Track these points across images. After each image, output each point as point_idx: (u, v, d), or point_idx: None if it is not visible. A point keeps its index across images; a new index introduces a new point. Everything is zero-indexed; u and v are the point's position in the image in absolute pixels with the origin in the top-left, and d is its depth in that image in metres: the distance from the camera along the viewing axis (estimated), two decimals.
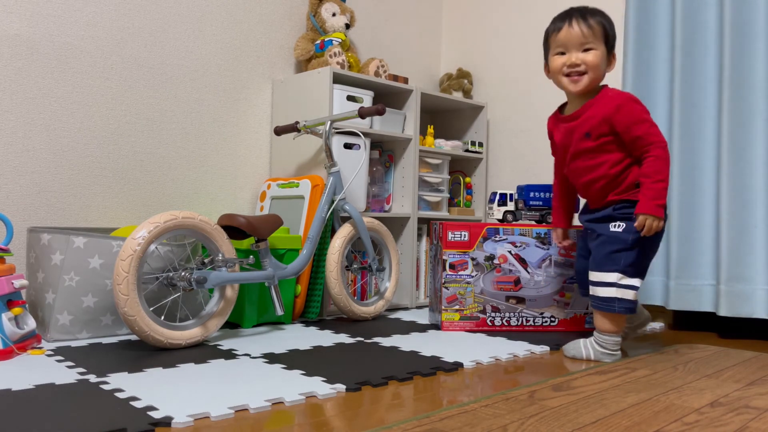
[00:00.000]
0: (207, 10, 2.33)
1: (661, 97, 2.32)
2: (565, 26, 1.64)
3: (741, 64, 2.11)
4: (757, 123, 2.07)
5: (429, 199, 2.68)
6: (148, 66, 2.18)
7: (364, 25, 2.84)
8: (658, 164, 1.57)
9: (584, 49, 1.63)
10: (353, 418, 1.13)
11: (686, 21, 2.24)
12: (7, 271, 1.58)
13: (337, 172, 2.16)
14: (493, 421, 1.13)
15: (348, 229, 2.18)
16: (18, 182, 1.91)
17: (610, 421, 1.15)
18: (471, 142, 2.81)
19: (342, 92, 2.32)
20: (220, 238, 1.77)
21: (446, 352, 1.69)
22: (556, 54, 1.68)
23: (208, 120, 2.34)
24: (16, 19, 1.90)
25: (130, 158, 2.15)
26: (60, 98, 1.99)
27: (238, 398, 1.20)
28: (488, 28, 3.02)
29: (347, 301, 2.15)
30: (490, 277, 2.06)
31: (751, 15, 2.09)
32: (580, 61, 1.62)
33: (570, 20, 1.63)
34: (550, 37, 1.70)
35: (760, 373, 1.60)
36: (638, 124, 1.59)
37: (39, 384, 1.28)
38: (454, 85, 2.95)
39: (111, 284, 1.75)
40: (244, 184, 2.45)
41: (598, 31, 1.62)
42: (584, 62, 1.62)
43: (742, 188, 2.10)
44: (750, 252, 2.07)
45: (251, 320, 2.00)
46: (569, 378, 1.47)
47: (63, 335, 1.71)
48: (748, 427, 1.14)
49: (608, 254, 1.63)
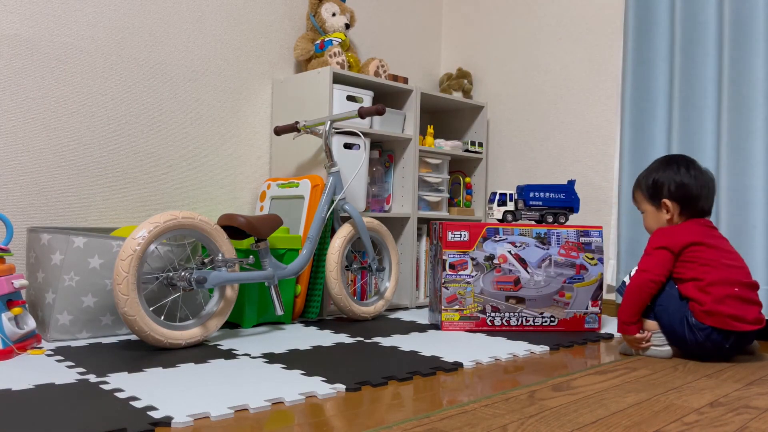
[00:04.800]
0: (207, 10, 2.33)
1: (661, 97, 2.32)
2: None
3: (741, 63, 2.11)
4: (757, 123, 2.07)
5: (429, 199, 2.68)
6: (148, 66, 2.18)
7: (364, 25, 2.84)
8: (628, 287, 1.81)
9: (641, 211, 1.94)
10: (353, 418, 1.13)
11: (686, 21, 2.24)
12: (7, 271, 1.58)
13: (337, 172, 2.16)
14: (493, 421, 1.13)
15: (348, 229, 2.18)
16: (18, 182, 1.91)
17: (610, 421, 1.15)
18: (471, 142, 2.81)
19: (342, 92, 2.32)
20: (220, 238, 1.77)
21: (446, 352, 1.69)
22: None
23: (208, 120, 2.34)
24: (16, 19, 1.90)
25: (130, 158, 2.15)
26: (60, 98, 1.99)
27: (238, 398, 1.20)
28: (488, 28, 3.02)
29: (347, 301, 2.15)
30: (490, 277, 2.06)
31: (751, 14, 2.09)
32: (645, 226, 1.94)
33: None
34: None
35: (760, 373, 1.60)
36: (644, 253, 1.85)
37: (39, 384, 1.28)
38: (454, 85, 2.95)
39: (111, 284, 1.75)
40: (244, 184, 2.45)
41: (640, 195, 1.91)
42: (645, 226, 1.94)
43: (741, 188, 2.10)
44: (750, 252, 2.07)
45: (251, 320, 2.00)
46: (569, 378, 1.47)
47: (63, 335, 1.71)
48: (748, 427, 1.14)
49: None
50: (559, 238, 2.09)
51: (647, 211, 1.90)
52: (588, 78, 2.64)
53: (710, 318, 1.68)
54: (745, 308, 1.69)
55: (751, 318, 1.69)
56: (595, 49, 2.62)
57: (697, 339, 1.70)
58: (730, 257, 1.76)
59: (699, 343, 1.70)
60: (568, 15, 2.72)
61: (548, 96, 2.78)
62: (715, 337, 1.69)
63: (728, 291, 1.68)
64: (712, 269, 1.71)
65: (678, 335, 1.73)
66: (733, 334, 1.68)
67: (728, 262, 1.74)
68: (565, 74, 2.72)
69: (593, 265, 2.10)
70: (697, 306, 1.70)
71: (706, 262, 1.72)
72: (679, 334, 1.73)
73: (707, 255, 1.73)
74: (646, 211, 1.90)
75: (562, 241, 2.09)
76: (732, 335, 1.69)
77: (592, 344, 1.92)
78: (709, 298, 1.68)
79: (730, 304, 1.68)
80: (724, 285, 1.69)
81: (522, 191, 2.21)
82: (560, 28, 2.74)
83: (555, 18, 2.76)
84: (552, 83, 2.77)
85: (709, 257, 1.73)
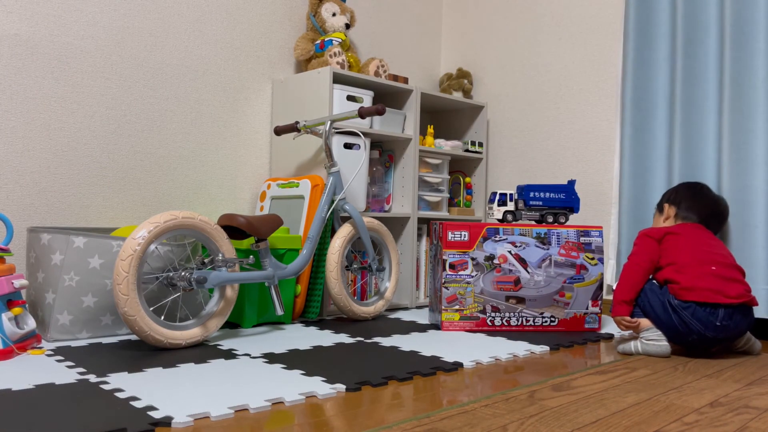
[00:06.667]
0: (207, 10, 2.33)
1: (661, 97, 2.32)
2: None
3: (741, 63, 2.11)
4: (758, 123, 2.07)
5: (429, 199, 2.68)
6: (148, 66, 2.18)
7: (364, 25, 2.84)
8: (623, 269, 1.91)
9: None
10: (353, 418, 1.13)
11: (687, 21, 2.24)
12: (7, 271, 1.58)
13: (337, 172, 2.16)
14: (493, 421, 1.13)
15: (348, 229, 2.18)
16: (18, 182, 1.91)
17: (610, 421, 1.15)
18: (471, 142, 2.81)
19: (342, 92, 2.32)
20: (220, 238, 1.77)
21: (446, 352, 1.69)
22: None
23: (208, 120, 2.34)
24: (16, 19, 1.90)
25: (130, 158, 2.15)
26: (60, 98, 1.99)
27: (238, 398, 1.20)
28: (488, 28, 3.02)
29: (347, 301, 2.15)
30: (490, 277, 2.06)
31: (752, 14, 2.09)
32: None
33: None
34: None
35: (760, 373, 1.60)
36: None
37: (39, 384, 1.28)
38: (454, 85, 2.95)
39: (111, 284, 1.75)
40: (244, 184, 2.45)
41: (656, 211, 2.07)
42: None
43: (742, 188, 2.10)
44: (750, 252, 2.07)
45: (251, 320, 2.00)
46: (569, 378, 1.47)
47: (63, 335, 1.71)
48: (747, 427, 1.14)
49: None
50: (559, 238, 2.09)
51: (654, 219, 2.07)
52: (588, 78, 2.64)
53: (690, 293, 1.73)
54: (725, 284, 1.74)
55: (734, 294, 1.72)
56: (595, 49, 2.62)
57: (683, 320, 1.73)
58: (713, 249, 1.82)
59: (687, 326, 1.73)
60: (568, 15, 2.72)
61: (548, 96, 2.78)
62: (701, 314, 1.71)
63: (705, 269, 1.76)
64: (688, 254, 1.81)
65: (665, 324, 1.77)
66: (719, 308, 1.71)
67: (707, 249, 1.81)
68: (565, 74, 2.72)
69: (593, 265, 2.10)
70: (676, 286, 1.77)
71: (683, 248, 1.83)
72: (665, 321, 1.77)
73: (684, 242, 1.84)
74: (654, 221, 2.07)
75: (562, 241, 2.09)
76: (719, 309, 1.71)
77: (592, 344, 1.92)
78: (685, 277, 1.76)
79: (708, 280, 1.74)
80: (700, 265, 1.77)
81: (522, 191, 2.21)
82: (560, 28, 2.74)
83: (555, 18, 2.76)
84: (552, 83, 2.77)
85: (686, 244, 1.84)
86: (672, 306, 1.76)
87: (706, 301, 1.71)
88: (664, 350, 1.75)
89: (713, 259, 1.78)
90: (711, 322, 1.71)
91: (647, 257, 1.87)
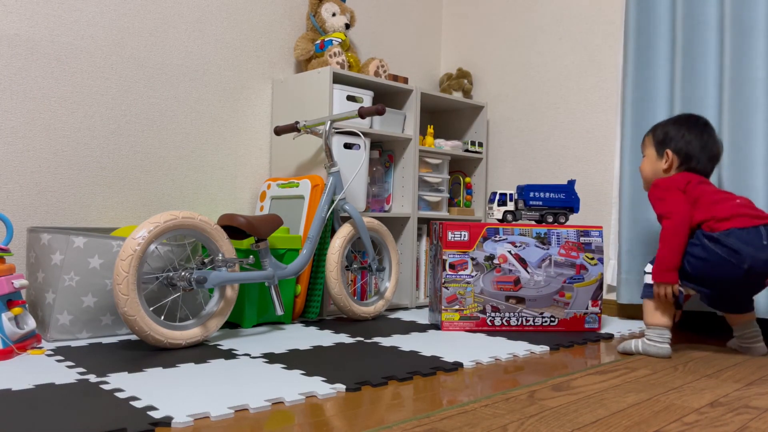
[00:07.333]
0: (207, 10, 2.33)
1: (661, 97, 2.32)
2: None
3: (741, 63, 2.11)
4: (758, 122, 2.07)
5: (429, 199, 2.68)
6: (148, 66, 2.18)
7: (364, 25, 2.84)
8: (662, 234, 1.78)
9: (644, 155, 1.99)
10: (353, 418, 1.13)
11: (687, 20, 2.24)
12: (7, 271, 1.58)
13: (337, 172, 2.16)
14: (493, 421, 1.13)
15: (348, 229, 2.18)
16: (18, 182, 1.91)
17: (610, 421, 1.15)
18: (471, 142, 2.81)
19: (342, 92, 2.32)
20: (220, 238, 1.77)
21: (446, 352, 1.69)
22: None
23: (208, 120, 2.34)
24: (16, 19, 1.90)
25: (130, 158, 2.15)
26: (60, 98, 1.99)
27: (238, 398, 1.20)
28: (488, 28, 3.02)
29: (347, 300, 2.15)
30: (490, 277, 2.06)
31: (752, 14, 2.09)
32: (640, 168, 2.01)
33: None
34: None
35: (760, 373, 1.60)
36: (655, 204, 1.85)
37: (39, 384, 1.28)
38: (454, 85, 2.95)
39: (111, 284, 1.75)
40: (244, 184, 2.45)
41: (649, 140, 1.96)
42: (640, 169, 2.01)
43: (742, 188, 2.10)
44: None
45: (251, 320, 2.00)
46: (569, 378, 1.47)
47: (63, 335, 1.71)
48: (747, 427, 1.14)
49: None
50: (559, 238, 2.09)
51: (649, 155, 1.96)
52: (588, 78, 2.64)
53: (727, 222, 1.71)
54: (755, 210, 1.74)
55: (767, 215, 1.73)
56: (595, 49, 2.62)
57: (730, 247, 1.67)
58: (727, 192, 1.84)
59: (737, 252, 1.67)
60: (568, 15, 2.72)
61: (548, 96, 2.78)
62: (746, 236, 1.68)
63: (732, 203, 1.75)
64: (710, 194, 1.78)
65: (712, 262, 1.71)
66: (761, 227, 1.69)
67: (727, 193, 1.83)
68: (565, 74, 2.72)
69: (593, 265, 2.10)
70: (710, 222, 1.74)
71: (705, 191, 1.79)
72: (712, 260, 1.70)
73: (708, 188, 1.81)
74: (648, 155, 1.96)
75: (562, 241, 2.09)
76: (760, 228, 1.69)
77: (592, 344, 1.92)
78: (718, 209, 1.74)
79: (740, 209, 1.73)
80: (726, 200, 1.76)
81: (522, 191, 2.21)
82: (560, 28, 2.74)
83: (555, 18, 2.76)
84: (552, 83, 2.77)
85: (710, 189, 1.81)
86: (713, 239, 1.70)
87: (744, 226, 1.68)
88: (665, 352, 1.75)
89: (733, 197, 1.78)
90: (759, 242, 1.67)
91: (686, 209, 1.76)
